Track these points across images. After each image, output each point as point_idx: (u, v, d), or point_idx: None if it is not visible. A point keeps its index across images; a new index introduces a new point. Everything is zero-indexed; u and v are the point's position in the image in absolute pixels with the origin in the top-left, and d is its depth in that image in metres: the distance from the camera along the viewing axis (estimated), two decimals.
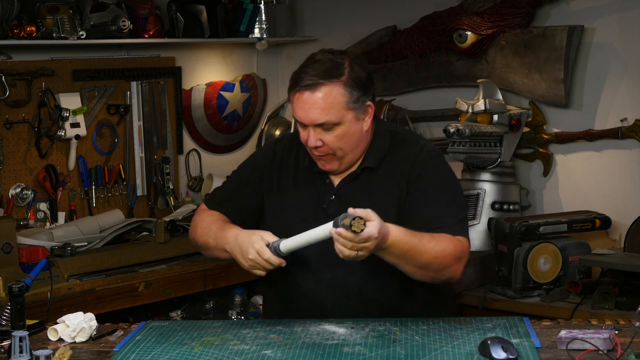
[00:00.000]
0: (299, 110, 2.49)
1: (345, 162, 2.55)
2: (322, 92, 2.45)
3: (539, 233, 3.58)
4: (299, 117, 2.49)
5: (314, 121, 2.47)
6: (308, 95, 2.46)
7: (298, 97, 2.48)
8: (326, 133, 2.48)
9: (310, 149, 2.54)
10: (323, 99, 2.45)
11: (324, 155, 2.53)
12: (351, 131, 2.51)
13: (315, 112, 2.46)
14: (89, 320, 2.40)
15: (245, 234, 2.47)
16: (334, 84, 2.46)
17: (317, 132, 2.48)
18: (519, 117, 4.00)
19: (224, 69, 4.84)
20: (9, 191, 3.97)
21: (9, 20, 3.80)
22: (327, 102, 2.45)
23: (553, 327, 2.36)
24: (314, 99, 2.45)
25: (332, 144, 2.49)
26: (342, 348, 2.22)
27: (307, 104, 2.46)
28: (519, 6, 4.07)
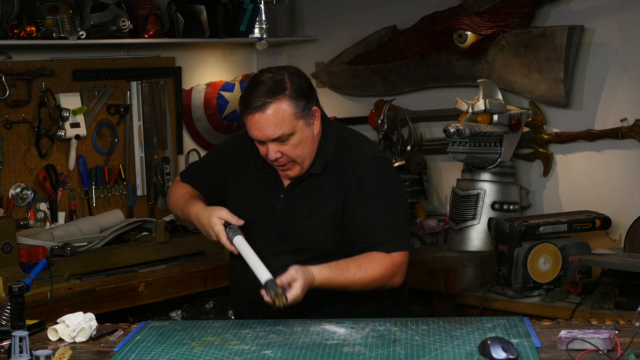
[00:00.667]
0: (254, 130, 2.64)
1: (305, 166, 2.71)
2: (271, 109, 2.60)
3: (539, 233, 3.58)
4: (255, 135, 2.65)
5: (270, 137, 2.62)
6: (259, 116, 2.61)
7: (250, 119, 2.63)
8: (283, 145, 2.64)
9: (271, 161, 2.68)
10: (273, 115, 2.60)
11: (285, 164, 2.68)
12: (304, 137, 2.66)
13: (269, 129, 2.61)
14: (89, 320, 2.40)
15: (204, 213, 2.72)
16: (280, 100, 2.61)
17: (274, 145, 2.64)
18: (519, 117, 4.00)
19: (224, 69, 4.84)
20: (9, 191, 3.97)
21: (9, 20, 3.80)
22: (277, 118, 2.61)
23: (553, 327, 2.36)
24: (265, 118, 2.60)
25: (290, 153, 2.65)
26: (342, 348, 2.22)
27: (260, 124, 2.61)
28: (519, 6, 4.07)
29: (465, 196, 3.99)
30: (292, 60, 5.04)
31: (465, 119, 3.95)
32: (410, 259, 3.42)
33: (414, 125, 4.39)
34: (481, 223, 3.94)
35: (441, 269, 3.74)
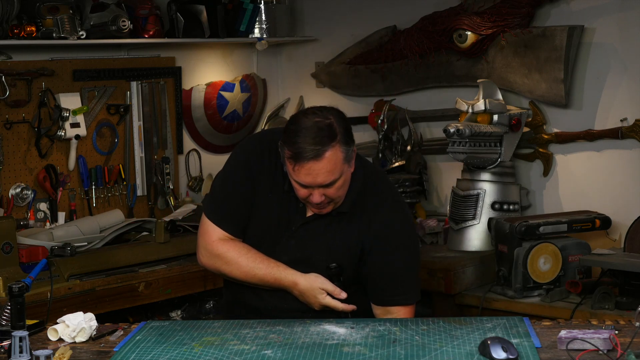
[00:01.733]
0: (304, 177, 2.54)
1: (338, 204, 2.66)
2: (326, 157, 2.51)
3: (539, 233, 3.58)
4: (305, 182, 2.55)
5: (322, 183, 2.55)
6: (313, 164, 2.51)
7: (301, 166, 2.53)
8: (328, 189, 2.57)
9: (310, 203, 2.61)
10: (327, 163, 2.52)
11: (320, 209, 2.63)
12: (347, 179, 2.62)
13: (322, 177, 2.53)
14: (89, 320, 2.40)
15: (305, 282, 2.64)
16: (334, 147, 2.52)
17: (320, 191, 2.57)
18: (519, 117, 4.00)
19: (224, 69, 4.84)
20: (9, 191, 3.97)
21: (9, 20, 3.80)
22: (331, 165, 2.53)
23: (553, 327, 2.36)
24: (320, 166, 2.52)
25: (333, 195, 2.59)
26: (342, 348, 2.22)
27: (314, 171, 2.52)
28: (519, 6, 4.07)
29: (465, 196, 3.99)
30: (292, 60, 5.04)
31: (465, 119, 3.95)
32: None
33: (414, 125, 4.39)
34: (481, 223, 3.94)
35: (441, 269, 3.74)
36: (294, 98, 5.05)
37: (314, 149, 2.49)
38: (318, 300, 2.61)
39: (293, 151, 2.51)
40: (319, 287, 2.61)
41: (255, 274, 2.66)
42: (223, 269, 2.71)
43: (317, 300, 2.61)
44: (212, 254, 2.72)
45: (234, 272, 2.69)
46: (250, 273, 2.66)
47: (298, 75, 5.03)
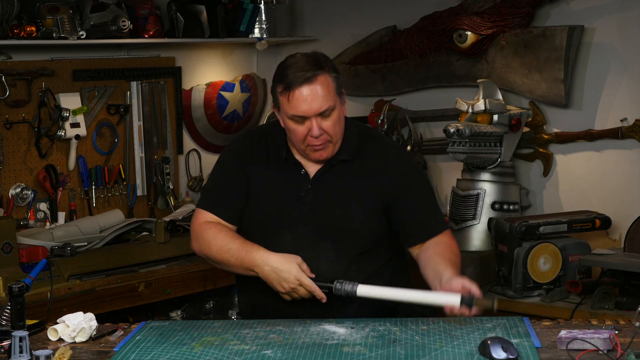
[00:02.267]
0: (301, 105, 2.56)
1: (336, 148, 2.65)
2: (319, 81, 2.57)
3: (539, 233, 3.58)
4: (303, 111, 2.57)
5: (319, 110, 2.56)
6: (308, 88, 2.56)
7: (298, 94, 2.56)
8: (324, 121, 2.59)
9: (310, 141, 2.60)
10: (321, 87, 2.57)
11: (323, 143, 2.61)
12: (340, 116, 2.64)
13: (319, 101, 2.56)
14: (89, 320, 2.40)
15: (278, 258, 2.58)
16: (324, 73, 2.58)
17: (318, 121, 2.58)
18: (519, 117, 4.00)
19: (224, 69, 4.84)
20: (9, 191, 3.97)
21: (9, 20, 3.80)
22: (325, 89, 2.57)
23: (553, 327, 2.36)
24: (315, 90, 2.56)
25: (330, 129, 2.59)
26: (342, 348, 2.22)
27: (310, 96, 2.56)
28: (519, 6, 4.07)
29: (465, 196, 3.99)
30: None
31: (465, 119, 3.95)
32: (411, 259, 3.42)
33: (414, 125, 4.39)
34: (481, 223, 3.94)
35: None
36: None
37: (305, 74, 2.56)
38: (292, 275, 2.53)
39: (286, 82, 2.58)
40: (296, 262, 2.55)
41: (228, 250, 2.63)
42: (204, 250, 2.71)
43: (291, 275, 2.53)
44: (195, 237, 2.74)
45: (212, 251, 2.68)
46: (224, 249, 2.64)
47: None
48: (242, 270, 2.63)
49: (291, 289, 2.54)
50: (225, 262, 2.66)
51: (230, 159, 2.78)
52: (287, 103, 2.58)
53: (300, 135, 2.61)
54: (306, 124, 2.58)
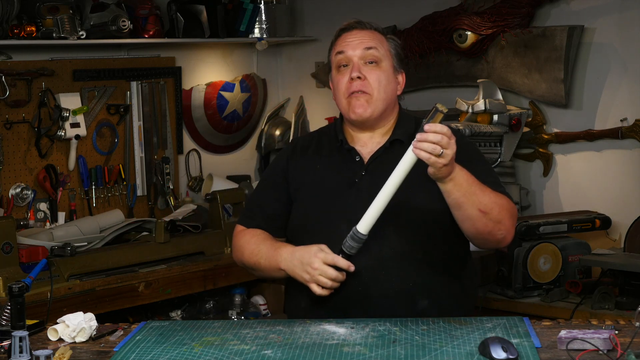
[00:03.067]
0: (345, 45, 2.59)
1: (377, 110, 2.57)
2: (370, 31, 2.61)
3: (539, 233, 3.58)
4: (345, 48, 2.59)
5: (362, 46, 2.57)
6: (357, 31, 2.60)
7: (345, 37, 2.61)
8: (368, 67, 2.57)
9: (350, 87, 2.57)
10: (372, 33, 2.61)
11: (361, 91, 2.56)
12: (389, 78, 2.60)
13: (365, 39, 2.58)
14: (89, 320, 2.40)
15: (302, 248, 2.47)
16: (380, 34, 2.63)
17: (360, 65, 2.57)
18: (519, 117, 4.00)
19: (224, 69, 4.84)
20: (9, 191, 3.97)
21: (9, 20, 3.81)
22: (375, 37, 2.61)
23: (553, 327, 2.36)
24: (363, 33, 2.60)
25: (371, 79, 2.56)
26: (342, 348, 2.22)
27: (357, 37, 2.59)
28: (519, 6, 4.07)
29: None
30: (292, 60, 5.04)
31: (465, 119, 3.96)
32: None
33: None
34: None
35: None
36: (294, 98, 5.05)
37: (361, 23, 2.62)
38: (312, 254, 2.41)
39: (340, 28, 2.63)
40: (317, 246, 2.42)
41: (258, 252, 2.57)
42: (239, 257, 2.66)
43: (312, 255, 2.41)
44: (233, 248, 2.70)
45: (245, 256, 2.62)
46: (254, 252, 2.58)
47: (298, 75, 5.03)
48: (273, 271, 2.55)
49: (316, 271, 2.39)
50: (257, 265, 2.59)
51: (269, 171, 2.78)
52: (334, 49, 2.61)
53: (342, 84, 2.58)
54: (349, 69, 2.58)
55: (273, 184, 2.69)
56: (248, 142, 5.00)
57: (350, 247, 2.38)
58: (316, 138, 2.71)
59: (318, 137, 2.72)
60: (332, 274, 2.40)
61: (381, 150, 2.60)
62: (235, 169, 4.89)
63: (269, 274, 2.62)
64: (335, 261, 2.39)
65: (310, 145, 2.69)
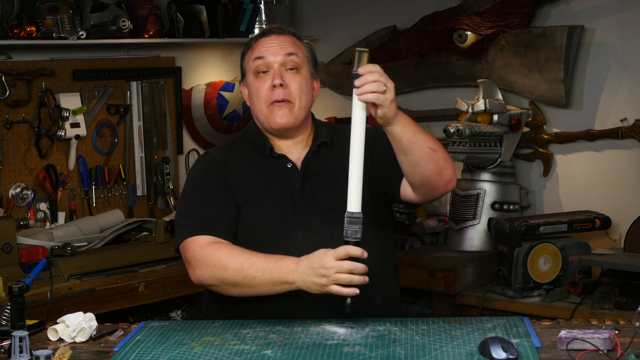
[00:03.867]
0: (265, 51, 2.55)
1: (299, 118, 2.56)
2: (290, 37, 2.59)
3: (539, 233, 3.58)
4: (264, 54, 2.55)
5: (282, 52, 2.54)
6: (276, 37, 2.57)
7: (264, 42, 2.57)
8: (288, 74, 2.55)
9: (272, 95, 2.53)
10: (291, 39, 2.58)
11: (283, 100, 2.53)
12: (307, 84, 2.61)
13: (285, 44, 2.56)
14: (89, 320, 2.40)
15: (306, 257, 2.33)
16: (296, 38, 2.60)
17: (281, 71, 2.55)
18: (519, 117, 4.00)
19: (224, 69, 4.84)
20: (9, 191, 3.97)
21: (9, 20, 3.80)
22: (294, 42, 2.59)
23: (553, 327, 2.36)
24: (283, 38, 2.57)
25: (293, 86, 2.55)
26: (342, 348, 2.22)
27: (276, 42, 2.56)
28: (519, 6, 4.07)
29: (465, 196, 3.99)
30: None
31: (465, 119, 3.95)
32: (410, 259, 3.42)
33: None
34: (481, 223, 3.94)
35: (441, 269, 3.74)
36: None
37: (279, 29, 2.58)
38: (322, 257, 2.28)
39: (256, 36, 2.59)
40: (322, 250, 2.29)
41: (251, 265, 2.37)
42: (217, 274, 2.43)
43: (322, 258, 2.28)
44: (199, 264, 2.46)
45: (229, 272, 2.40)
46: (245, 266, 2.37)
47: None
48: (269, 286, 2.37)
49: (331, 270, 2.26)
50: (248, 279, 2.38)
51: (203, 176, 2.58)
52: (251, 53, 2.57)
53: (262, 91, 2.53)
54: (269, 75, 2.54)
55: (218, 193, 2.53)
56: None
57: (353, 233, 2.27)
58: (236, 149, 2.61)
59: (237, 147, 2.62)
60: (348, 266, 2.26)
61: (310, 154, 2.59)
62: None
63: (263, 289, 2.40)
64: (347, 251, 2.25)
65: (235, 158, 2.58)
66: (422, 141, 2.38)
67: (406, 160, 2.40)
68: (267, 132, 2.60)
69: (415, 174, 2.42)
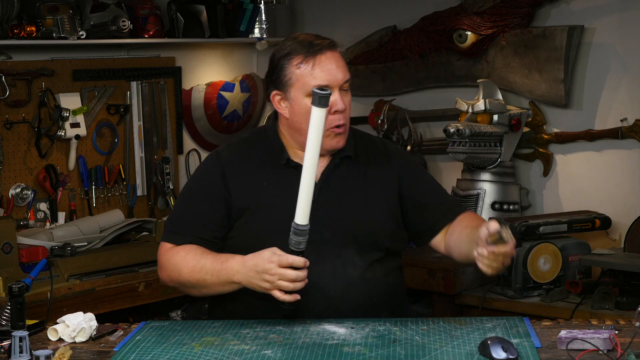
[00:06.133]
0: (324, 73, 2.38)
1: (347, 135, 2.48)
2: (338, 51, 2.44)
3: (539, 233, 3.58)
4: (327, 79, 2.39)
5: (344, 78, 2.42)
6: (331, 54, 2.40)
7: (324, 59, 2.39)
8: (344, 96, 2.43)
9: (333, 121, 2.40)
10: (341, 57, 2.44)
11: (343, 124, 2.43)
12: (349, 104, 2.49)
13: (342, 69, 2.41)
14: (89, 320, 2.40)
15: (253, 256, 2.32)
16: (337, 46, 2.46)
17: (341, 94, 2.42)
18: (519, 117, 4.01)
19: (224, 69, 4.84)
20: (9, 191, 3.97)
21: (9, 20, 3.81)
22: (343, 61, 2.45)
23: (553, 327, 2.36)
24: (337, 57, 2.41)
25: (348, 109, 2.44)
26: (342, 348, 2.22)
27: (334, 63, 2.40)
28: (519, 6, 4.07)
29: (466, 196, 3.99)
30: None
31: (465, 119, 3.96)
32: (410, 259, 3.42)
33: (414, 125, 4.39)
34: None
35: (441, 269, 3.74)
36: None
37: (326, 41, 2.40)
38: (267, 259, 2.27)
39: (304, 48, 2.37)
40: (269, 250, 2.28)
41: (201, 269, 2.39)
42: (173, 277, 2.46)
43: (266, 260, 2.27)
44: (161, 267, 2.50)
45: (183, 275, 2.43)
46: (196, 269, 2.40)
47: None
48: (220, 287, 2.40)
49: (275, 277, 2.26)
50: (200, 282, 2.41)
51: (198, 181, 2.55)
52: (309, 74, 2.37)
53: None
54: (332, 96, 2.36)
55: (208, 200, 2.49)
56: None
57: (297, 243, 2.26)
58: (249, 150, 2.53)
59: (248, 148, 2.54)
60: (291, 274, 2.26)
61: (331, 166, 2.51)
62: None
63: (216, 290, 2.43)
64: (291, 262, 2.26)
65: (246, 160, 2.51)
66: None
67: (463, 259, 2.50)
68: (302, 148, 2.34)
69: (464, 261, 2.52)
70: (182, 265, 2.45)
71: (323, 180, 2.49)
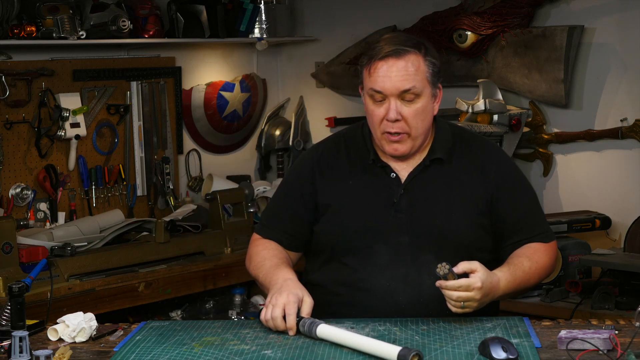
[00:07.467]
0: (380, 79, 2.35)
1: (415, 145, 2.42)
2: (407, 58, 2.36)
3: None
4: (380, 86, 2.35)
5: (399, 87, 2.35)
6: (393, 62, 2.35)
7: (379, 66, 2.35)
8: (406, 106, 2.37)
9: (386, 126, 2.38)
10: (409, 64, 2.36)
11: (399, 133, 2.38)
12: (427, 108, 2.43)
13: (401, 77, 2.35)
14: (89, 320, 2.40)
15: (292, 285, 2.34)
16: (417, 54, 2.38)
17: (397, 104, 2.37)
18: (519, 117, 4.00)
19: (224, 69, 4.84)
20: (9, 191, 3.97)
21: (9, 20, 3.81)
22: (413, 68, 2.37)
23: (553, 327, 2.36)
24: (399, 65, 2.35)
25: (410, 118, 2.37)
26: (342, 348, 2.22)
27: (392, 70, 2.34)
28: (519, 6, 4.07)
29: None
30: (292, 60, 5.04)
31: (465, 119, 3.96)
32: None
33: None
34: None
35: None
36: (294, 98, 5.05)
37: (395, 47, 2.34)
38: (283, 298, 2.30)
39: (371, 53, 2.36)
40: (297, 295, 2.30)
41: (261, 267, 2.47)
42: (247, 265, 2.56)
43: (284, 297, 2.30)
44: (247, 254, 2.59)
45: (250, 267, 2.53)
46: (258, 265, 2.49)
47: (298, 75, 5.03)
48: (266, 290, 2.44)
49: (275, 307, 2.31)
50: (257, 278, 2.50)
51: (291, 178, 2.61)
52: (368, 76, 2.37)
53: (376, 118, 2.38)
54: (385, 106, 2.36)
55: (297, 194, 2.54)
56: (248, 142, 5.00)
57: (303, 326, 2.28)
58: (341, 147, 2.53)
59: (343, 145, 2.54)
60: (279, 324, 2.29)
61: (420, 168, 2.46)
62: (235, 169, 4.89)
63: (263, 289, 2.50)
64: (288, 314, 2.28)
65: (337, 156, 2.52)
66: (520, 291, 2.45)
67: None
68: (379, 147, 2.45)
69: None
70: (253, 258, 2.54)
71: (408, 182, 2.45)
